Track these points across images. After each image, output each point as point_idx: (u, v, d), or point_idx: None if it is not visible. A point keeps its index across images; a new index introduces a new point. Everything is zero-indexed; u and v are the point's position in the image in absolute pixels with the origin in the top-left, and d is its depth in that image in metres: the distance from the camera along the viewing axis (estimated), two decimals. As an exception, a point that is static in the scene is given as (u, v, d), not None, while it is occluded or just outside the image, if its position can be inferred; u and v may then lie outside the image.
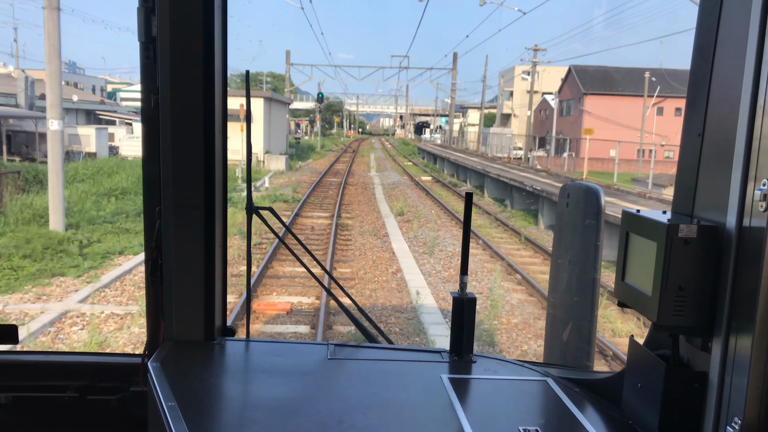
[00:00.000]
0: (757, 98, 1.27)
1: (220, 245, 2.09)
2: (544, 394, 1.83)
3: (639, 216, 1.52)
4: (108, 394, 2.13)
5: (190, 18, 1.90)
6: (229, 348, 2.08)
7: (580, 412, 1.69)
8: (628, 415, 1.65)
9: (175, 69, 1.91)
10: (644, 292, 1.46)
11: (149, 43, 1.93)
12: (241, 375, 1.96)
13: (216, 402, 1.72)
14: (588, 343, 2.04)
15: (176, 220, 2.00)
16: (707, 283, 1.39)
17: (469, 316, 2.01)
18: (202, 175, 1.99)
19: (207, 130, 1.98)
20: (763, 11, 1.26)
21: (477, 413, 1.68)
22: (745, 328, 1.28)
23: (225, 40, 2.03)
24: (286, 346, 2.19)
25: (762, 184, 1.24)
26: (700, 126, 1.48)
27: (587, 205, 2.04)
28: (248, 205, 2.14)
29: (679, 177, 1.56)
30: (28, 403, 2.14)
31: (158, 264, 2.04)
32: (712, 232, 1.38)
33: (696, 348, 1.46)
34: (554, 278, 2.21)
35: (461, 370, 1.96)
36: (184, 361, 1.95)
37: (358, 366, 2.00)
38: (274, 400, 1.72)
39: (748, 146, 1.29)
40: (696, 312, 1.40)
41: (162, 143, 1.97)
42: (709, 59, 1.46)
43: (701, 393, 1.43)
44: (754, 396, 1.26)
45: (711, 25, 1.45)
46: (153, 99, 1.96)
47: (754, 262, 1.26)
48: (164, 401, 1.65)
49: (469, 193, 2.02)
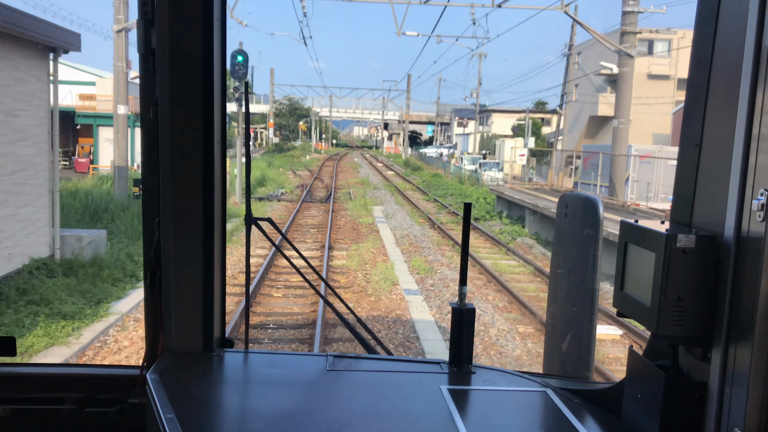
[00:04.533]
0: (754, 108, 1.27)
1: (219, 256, 2.09)
2: (544, 405, 1.83)
3: (637, 226, 1.52)
4: (106, 407, 2.12)
5: (190, 30, 1.91)
6: (227, 359, 2.07)
7: (580, 423, 1.69)
8: (628, 426, 1.65)
9: (175, 80, 1.92)
10: (643, 303, 1.46)
11: (148, 55, 1.94)
12: (240, 387, 1.96)
13: (215, 414, 1.71)
14: (587, 353, 2.03)
15: (175, 231, 2.00)
16: (706, 292, 1.39)
17: (468, 327, 2.01)
18: (201, 185, 2.00)
19: (206, 141, 1.98)
20: (759, 22, 1.27)
21: (477, 425, 1.68)
22: (745, 338, 1.28)
23: (224, 52, 2.04)
24: (285, 358, 2.19)
25: (760, 193, 1.25)
26: (698, 136, 1.48)
27: (586, 216, 2.04)
28: (247, 216, 2.14)
29: (676, 187, 1.57)
30: (26, 415, 2.13)
31: (157, 275, 2.04)
32: (711, 241, 1.38)
33: (695, 358, 1.46)
34: (553, 288, 2.20)
35: (461, 382, 1.96)
36: (183, 373, 1.95)
37: (357, 377, 2.00)
38: (273, 412, 1.72)
39: (745, 156, 1.29)
40: (695, 322, 1.40)
41: (161, 154, 1.97)
42: (706, 69, 1.47)
43: (701, 403, 1.43)
44: (754, 406, 1.26)
45: (708, 36, 1.46)
46: (152, 110, 1.97)
47: (752, 271, 1.27)
48: (163, 413, 1.65)
49: (468, 203, 2.03)
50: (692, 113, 1.51)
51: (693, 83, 1.52)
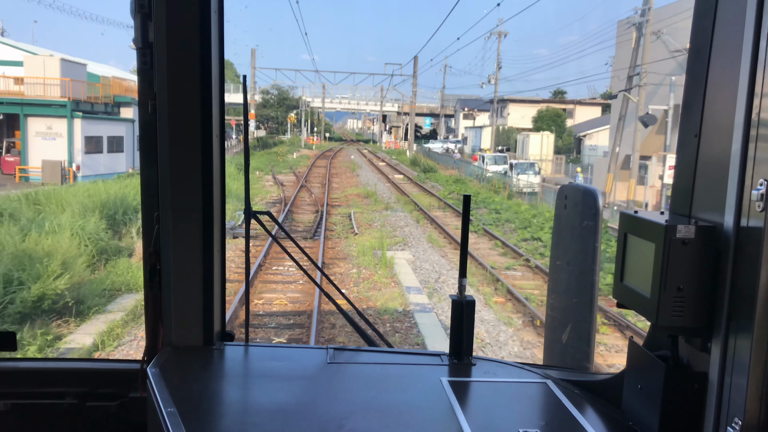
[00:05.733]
0: (753, 99, 1.28)
1: (218, 250, 2.09)
2: (544, 396, 1.84)
3: (637, 217, 1.52)
4: (107, 401, 2.14)
5: (187, 24, 1.91)
6: (228, 353, 2.08)
7: (580, 414, 1.70)
8: (629, 417, 1.65)
9: (172, 74, 1.92)
10: (643, 294, 1.47)
11: (146, 49, 1.94)
12: (241, 380, 1.96)
13: (216, 407, 1.71)
14: (587, 344, 2.04)
15: (174, 225, 2.00)
16: (706, 283, 1.39)
17: (468, 319, 2.01)
18: (200, 179, 2.00)
19: (204, 135, 1.98)
20: (757, 12, 1.27)
21: (477, 416, 1.68)
22: (744, 328, 1.29)
23: (222, 46, 2.03)
24: (286, 351, 2.20)
25: (759, 184, 1.25)
26: (697, 127, 1.49)
27: (585, 207, 2.05)
28: (246, 209, 2.14)
29: (676, 178, 1.57)
30: (27, 410, 2.14)
31: (157, 269, 2.04)
32: (710, 232, 1.38)
33: (695, 348, 1.46)
34: (553, 280, 2.22)
35: (461, 373, 1.96)
36: (184, 367, 1.95)
37: (358, 370, 2.00)
38: (273, 405, 1.72)
39: (744, 147, 1.29)
40: (695, 312, 1.40)
41: (160, 148, 1.97)
42: (704, 60, 1.47)
43: (701, 393, 1.43)
44: (754, 396, 1.27)
45: (706, 27, 1.47)
46: (150, 104, 1.96)
47: (752, 262, 1.27)
48: (164, 407, 1.65)
49: (467, 195, 2.03)
50: (691, 104, 1.52)
51: (692, 74, 1.52)
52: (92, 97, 33.88)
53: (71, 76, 32.46)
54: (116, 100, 36.09)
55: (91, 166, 31.66)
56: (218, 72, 2.00)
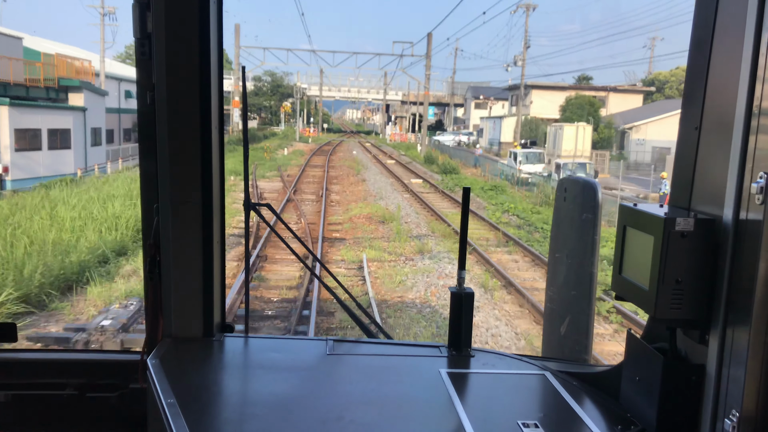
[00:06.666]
0: (754, 91, 1.27)
1: (218, 242, 2.09)
2: (543, 387, 1.84)
3: (636, 210, 1.52)
4: (107, 392, 2.14)
5: (186, 14, 1.90)
6: (228, 344, 2.09)
7: (578, 406, 1.70)
8: (626, 408, 1.66)
9: (171, 65, 1.92)
10: (641, 286, 1.47)
11: (144, 40, 1.93)
12: (241, 371, 1.97)
13: (215, 398, 1.72)
14: (586, 336, 2.04)
15: (174, 217, 2.00)
16: (704, 276, 1.39)
17: (467, 311, 2.02)
18: (199, 171, 1.99)
19: (203, 126, 1.98)
20: (759, 4, 1.26)
21: (476, 407, 1.69)
22: (742, 321, 1.29)
23: (220, 36, 2.02)
24: (285, 342, 2.24)
25: (759, 176, 1.25)
26: (697, 119, 1.48)
27: (585, 200, 2.04)
28: (246, 201, 2.15)
29: (676, 170, 1.57)
30: (28, 401, 2.14)
31: (156, 261, 2.04)
32: (709, 225, 1.38)
33: (693, 341, 1.46)
34: (552, 272, 2.22)
35: (460, 365, 1.97)
36: (183, 358, 1.96)
37: (357, 361, 2.01)
38: (273, 396, 1.73)
39: (744, 139, 1.29)
40: (693, 305, 1.40)
41: (158, 140, 1.96)
42: (706, 52, 1.46)
43: (699, 386, 1.44)
44: (751, 388, 1.27)
45: (708, 18, 1.46)
46: (149, 95, 1.96)
47: (750, 254, 1.27)
48: (164, 398, 1.66)
49: (467, 188, 2.02)
50: (692, 96, 1.51)
51: (693, 66, 1.51)
52: (29, 79, 26.90)
53: (0, 53, 25.18)
54: (62, 83, 29.16)
55: (26, 167, 24.83)
56: (217, 62, 2.01)
